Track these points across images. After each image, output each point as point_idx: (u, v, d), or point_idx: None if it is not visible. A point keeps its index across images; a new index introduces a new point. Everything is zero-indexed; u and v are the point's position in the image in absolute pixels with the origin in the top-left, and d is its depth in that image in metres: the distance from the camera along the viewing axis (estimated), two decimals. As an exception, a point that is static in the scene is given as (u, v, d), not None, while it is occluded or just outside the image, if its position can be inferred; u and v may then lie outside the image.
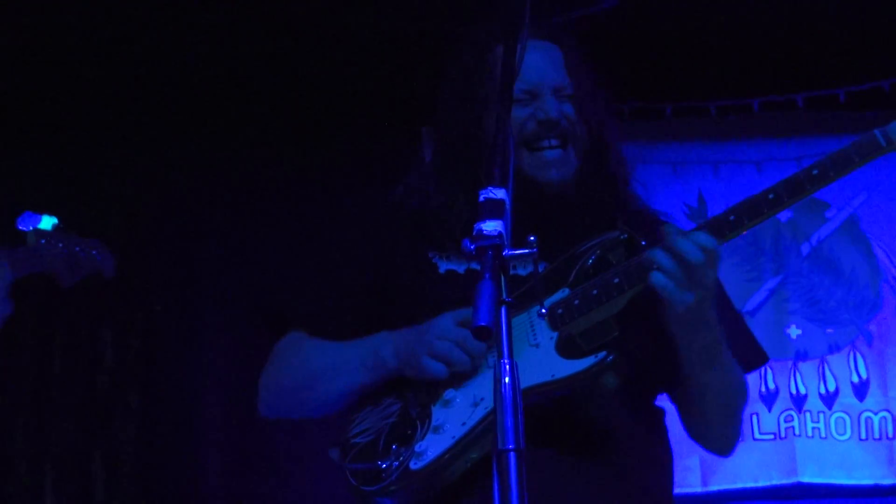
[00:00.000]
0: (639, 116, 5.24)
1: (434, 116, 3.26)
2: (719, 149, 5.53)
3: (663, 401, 3.05)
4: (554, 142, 3.04)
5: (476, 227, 2.16)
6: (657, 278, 2.66)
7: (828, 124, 5.40)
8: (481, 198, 2.22)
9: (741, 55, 5.31)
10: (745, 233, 2.68)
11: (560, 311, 2.82)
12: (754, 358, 3.09)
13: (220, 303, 5.54)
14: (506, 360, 2.10)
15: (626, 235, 2.88)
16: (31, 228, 3.47)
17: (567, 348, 2.80)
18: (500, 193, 2.23)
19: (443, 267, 3.01)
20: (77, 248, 3.54)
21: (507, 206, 2.22)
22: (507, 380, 2.09)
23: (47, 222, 3.49)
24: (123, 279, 3.87)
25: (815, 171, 2.65)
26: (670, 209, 4.75)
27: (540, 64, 3.07)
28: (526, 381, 2.40)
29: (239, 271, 5.45)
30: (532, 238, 2.84)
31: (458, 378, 2.82)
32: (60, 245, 3.51)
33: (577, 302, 2.82)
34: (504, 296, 2.13)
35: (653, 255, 2.66)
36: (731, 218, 2.69)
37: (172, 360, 5.60)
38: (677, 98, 5.41)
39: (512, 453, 2.02)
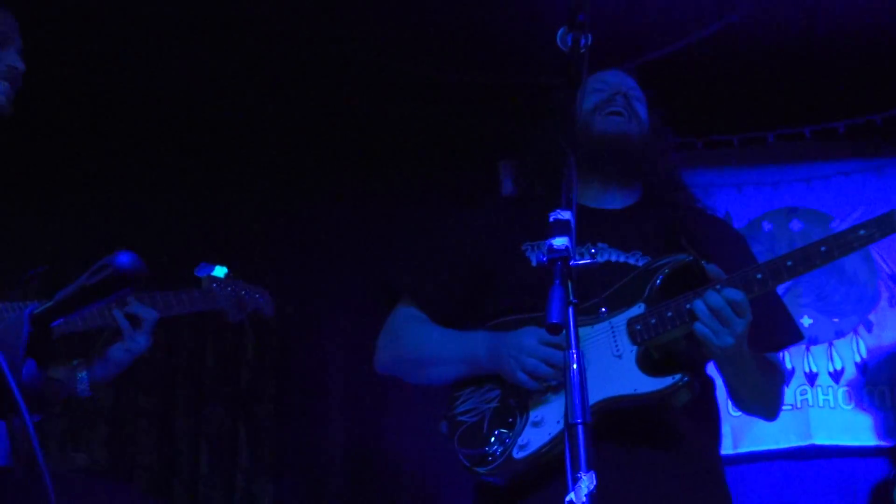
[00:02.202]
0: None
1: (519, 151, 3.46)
2: (742, 173, 5.64)
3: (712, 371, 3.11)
4: (618, 107, 3.22)
5: (547, 243, 2.26)
6: (699, 328, 2.78)
7: (830, 152, 5.55)
8: (551, 219, 2.31)
9: (758, 96, 5.40)
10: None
11: (638, 326, 2.87)
12: (793, 336, 3.21)
13: (343, 304, 5.50)
14: (573, 351, 2.15)
15: (691, 258, 2.93)
16: (205, 275, 3.55)
17: (645, 362, 2.86)
18: (566, 215, 2.32)
19: (534, 259, 3.05)
20: (244, 293, 3.62)
21: (573, 225, 2.31)
22: (574, 366, 2.14)
23: (220, 271, 3.57)
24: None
25: (822, 248, 2.80)
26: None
27: (623, 77, 3.31)
28: (612, 391, 2.79)
29: (360, 267, 5.41)
30: (594, 250, 3.04)
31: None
32: (229, 289, 3.57)
33: (653, 321, 2.86)
34: (571, 297, 2.20)
35: (694, 308, 2.79)
36: (759, 276, 2.82)
37: (302, 355, 5.61)
38: (708, 133, 5.53)
39: (580, 426, 2.09)
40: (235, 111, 5.58)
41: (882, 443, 5.32)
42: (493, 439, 2.93)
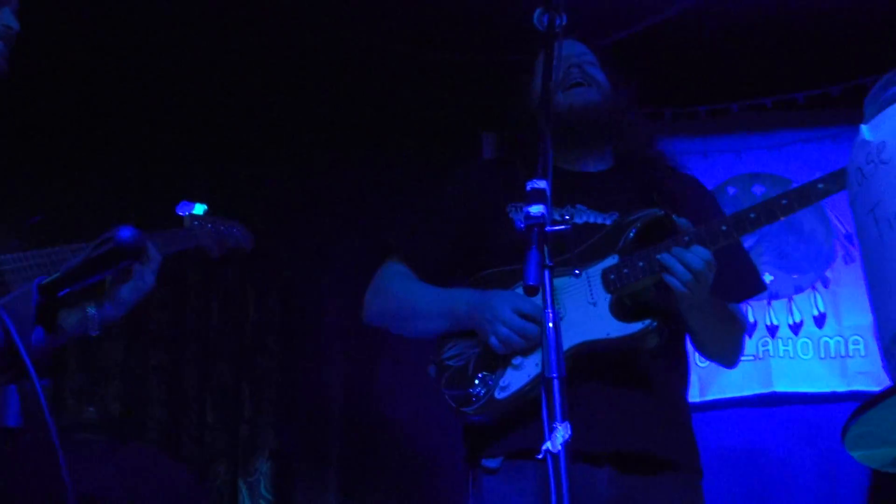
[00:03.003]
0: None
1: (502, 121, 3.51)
2: (708, 141, 5.71)
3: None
4: (575, 73, 3.24)
5: (524, 210, 2.27)
6: (669, 279, 2.84)
7: (789, 121, 5.62)
8: (528, 188, 2.31)
9: (723, 69, 5.43)
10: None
11: (612, 276, 2.93)
12: (756, 287, 3.28)
13: (341, 264, 5.46)
14: (549, 310, 2.20)
15: (662, 212, 2.99)
16: (186, 213, 3.45)
17: (619, 309, 2.92)
18: (542, 184, 2.31)
19: (517, 220, 3.04)
20: (222, 228, 3.49)
21: (548, 193, 2.31)
22: (550, 324, 2.19)
23: (199, 208, 3.46)
24: (261, 252, 3.86)
25: (784, 201, 2.86)
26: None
27: (571, 46, 3.24)
28: (586, 336, 2.86)
29: (356, 229, 5.44)
30: (567, 216, 3.06)
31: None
32: (209, 226, 3.45)
33: (626, 271, 2.92)
34: (547, 261, 2.22)
35: (665, 261, 2.84)
36: (724, 228, 2.89)
37: (301, 312, 5.61)
38: (676, 104, 5.60)
39: (555, 379, 2.14)
40: (240, 86, 5.60)
41: (838, 390, 5.36)
42: (476, 381, 2.97)
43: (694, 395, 5.08)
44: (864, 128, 1.93)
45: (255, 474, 5.35)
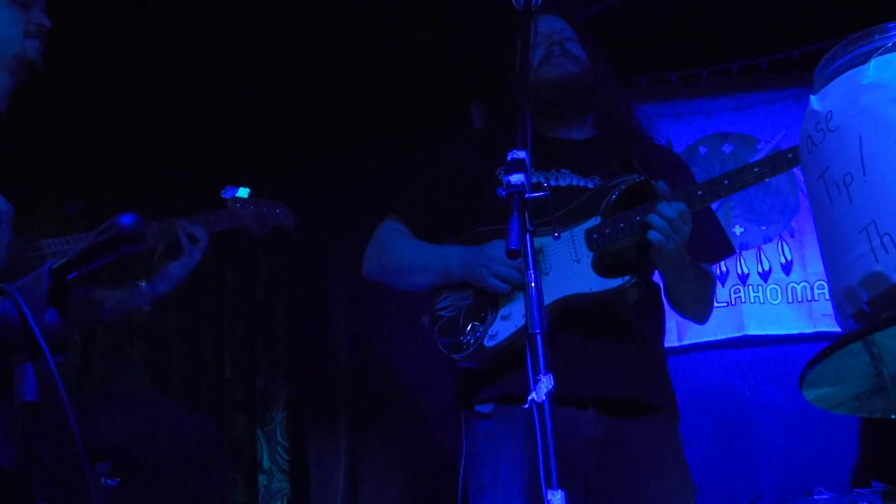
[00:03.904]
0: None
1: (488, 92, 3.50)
2: (680, 105, 5.73)
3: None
4: (557, 50, 3.24)
5: (505, 179, 2.26)
6: (653, 235, 2.86)
7: (755, 84, 5.64)
8: (509, 158, 2.31)
9: (691, 37, 5.45)
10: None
11: (595, 235, 2.96)
12: (726, 249, 3.32)
13: (345, 225, 5.39)
14: (531, 271, 2.20)
15: (642, 178, 3.01)
16: (230, 196, 3.54)
17: (600, 266, 2.95)
18: (521, 154, 2.31)
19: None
20: (265, 209, 3.60)
21: (527, 162, 2.30)
22: (532, 284, 2.19)
23: (243, 192, 3.55)
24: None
25: (756, 169, 2.88)
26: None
27: (551, 23, 3.28)
28: (570, 290, 2.89)
29: (359, 192, 5.43)
30: (545, 184, 3.05)
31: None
32: (252, 207, 3.56)
33: (607, 230, 2.94)
34: (528, 226, 2.23)
35: (651, 220, 2.86)
36: (699, 193, 2.90)
37: (309, 273, 5.66)
38: (650, 72, 5.63)
39: (538, 335, 2.13)
40: (256, 67, 5.60)
41: (805, 331, 5.42)
42: (467, 330, 3.01)
43: (672, 340, 5.14)
44: (813, 98, 1.95)
45: (272, 423, 5.41)
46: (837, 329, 2.03)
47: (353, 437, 5.44)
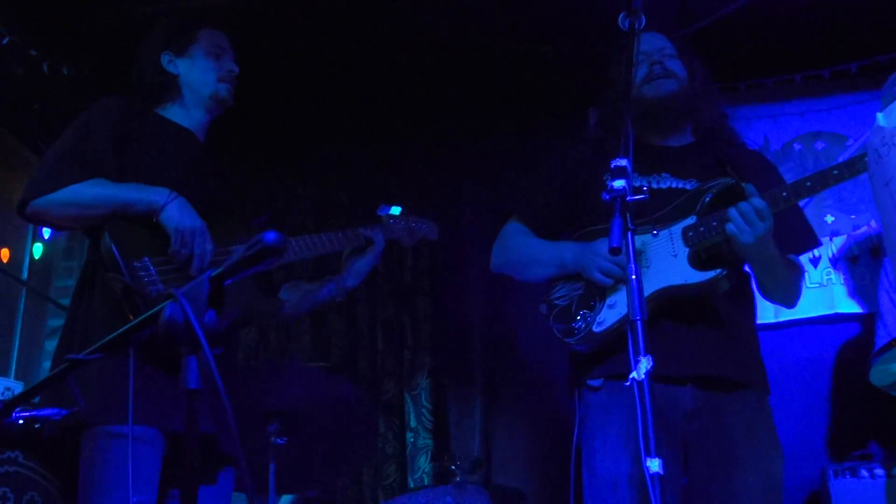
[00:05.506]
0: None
1: (600, 101, 3.46)
2: (776, 106, 5.56)
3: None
4: (658, 70, 3.18)
5: (609, 184, 2.28)
6: (729, 227, 2.85)
7: (845, 87, 5.44)
8: (612, 165, 2.32)
9: (786, 46, 5.31)
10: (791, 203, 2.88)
11: (691, 233, 2.96)
12: (811, 242, 3.24)
13: (480, 220, 5.51)
14: (632, 265, 2.22)
15: (734, 181, 2.97)
16: (385, 213, 3.62)
17: (695, 260, 2.94)
18: (623, 162, 2.32)
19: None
20: (413, 225, 3.68)
21: (629, 169, 2.32)
22: (633, 277, 2.21)
23: (396, 210, 3.63)
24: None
25: (835, 172, 2.83)
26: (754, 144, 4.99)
27: (652, 41, 3.26)
28: (668, 281, 2.91)
29: (493, 191, 5.49)
30: (644, 188, 2.90)
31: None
32: (403, 223, 3.64)
33: (702, 228, 2.94)
34: (630, 225, 2.26)
35: (729, 213, 2.85)
36: (784, 194, 2.87)
37: (449, 259, 5.66)
38: (748, 78, 5.50)
39: (639, 321, 2.15)
40: (409, 86, 5.65)
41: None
42: (578, 317, 3.03)
43: (770, 318, 5.03)
44: (879, 115, 1.92)
45: (417, 389, 5.47)
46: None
47: (486, 401, 5.47)
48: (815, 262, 5.35)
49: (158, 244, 2.80)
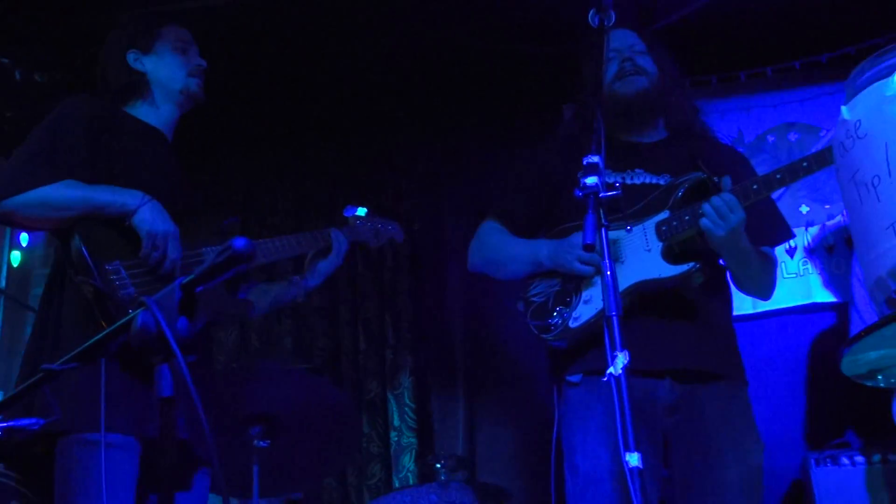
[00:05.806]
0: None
1: (573, 98, 3.51)
2: (748, 99, 5.52)
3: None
4: (629, 67, 3.20)
5: (581, 181, 2.30)
6: (703, 222, 2.87)
7: (816, 78, 5.40)
8: (584, 162, 2.33)
9: (757, 38, 5.28)
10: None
11: (664, 227, 2.98)
12: (785, 233, 3.27)
13: (457, 220, 5.49)
14: (607, 261, 2.24)
15: (705, 175, 3.00)
16: (351, 215, 3.62)
17: (669, 255, 2.96)
18: (595, 159, 2.33)
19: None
20: (380, 226, 3.69)
21: (601, 166, 2.33)
22: (608, 272, 2.22)
23: (361, 211, 3.63)
24: (392, 216, 3.98)
25: (804, 164, 2.85)
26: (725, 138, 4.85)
27: (623, 38, 3.25)
28: (642, 276, 2.91)
29: (469, 190, 5.42)
30: (618, 183, 3.00)
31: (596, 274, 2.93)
32: (369, 224, 3.65)
33: (675, 223, 2.96)
34: (603, 221, 2.28)
35: (703, 209, 2.86)
36: (755, 187, 2.89)
37: (428, 258, 5.63)
38: (720, 72, 5.46)
39: (614, 317, 2.17)
40: (377, 88, 5.62)
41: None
42: (555, 313, 3.05)
43: (748, 308, 5.01)
44: (843, 108, 1.93)
45: (400, 388, 5.43)
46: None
47: (469, 399, 5.43)
48: (791, 252, 5.34)
49: (129, 247, 2.78)
